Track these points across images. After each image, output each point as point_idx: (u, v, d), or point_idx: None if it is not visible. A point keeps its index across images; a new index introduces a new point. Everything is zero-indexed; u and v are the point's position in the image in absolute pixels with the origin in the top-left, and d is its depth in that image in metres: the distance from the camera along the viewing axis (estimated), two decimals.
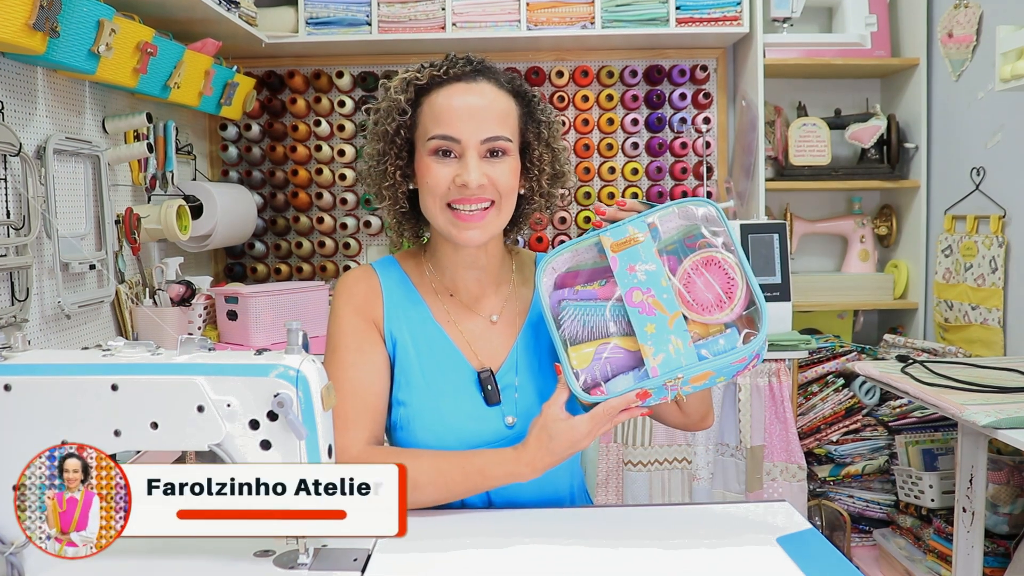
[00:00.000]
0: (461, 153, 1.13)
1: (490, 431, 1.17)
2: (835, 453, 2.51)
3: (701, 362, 1.00)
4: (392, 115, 1.17)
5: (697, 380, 1.02)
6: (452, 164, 1.14)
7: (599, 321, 1.05)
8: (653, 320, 1.02)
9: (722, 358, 1.00)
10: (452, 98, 1.15)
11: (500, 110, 1.16)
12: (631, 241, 1.05)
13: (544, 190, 1.24)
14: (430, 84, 1.17)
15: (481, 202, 1.14)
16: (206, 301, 2.38)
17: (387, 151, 1.19)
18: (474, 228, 1.15)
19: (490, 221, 1.16)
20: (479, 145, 1.13)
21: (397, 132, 1.17)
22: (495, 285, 1.26)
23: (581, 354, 1.05)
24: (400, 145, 1.18)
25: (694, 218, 1.06)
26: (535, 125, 1.21)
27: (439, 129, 1.14)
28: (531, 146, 1.21)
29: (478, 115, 1.14)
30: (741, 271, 1.02)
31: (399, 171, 1.19)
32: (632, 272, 1.04)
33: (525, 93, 1.21)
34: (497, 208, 1.16)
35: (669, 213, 1.06)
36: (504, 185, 1.15)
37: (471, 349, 1.21)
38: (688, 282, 1.03)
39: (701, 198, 1.10)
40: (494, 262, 1.25)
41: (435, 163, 1.14)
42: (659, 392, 1.03)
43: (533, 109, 1.21)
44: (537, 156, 1.21)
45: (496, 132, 1.14)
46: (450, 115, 1.13)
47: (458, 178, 1.12)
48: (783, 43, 2.70)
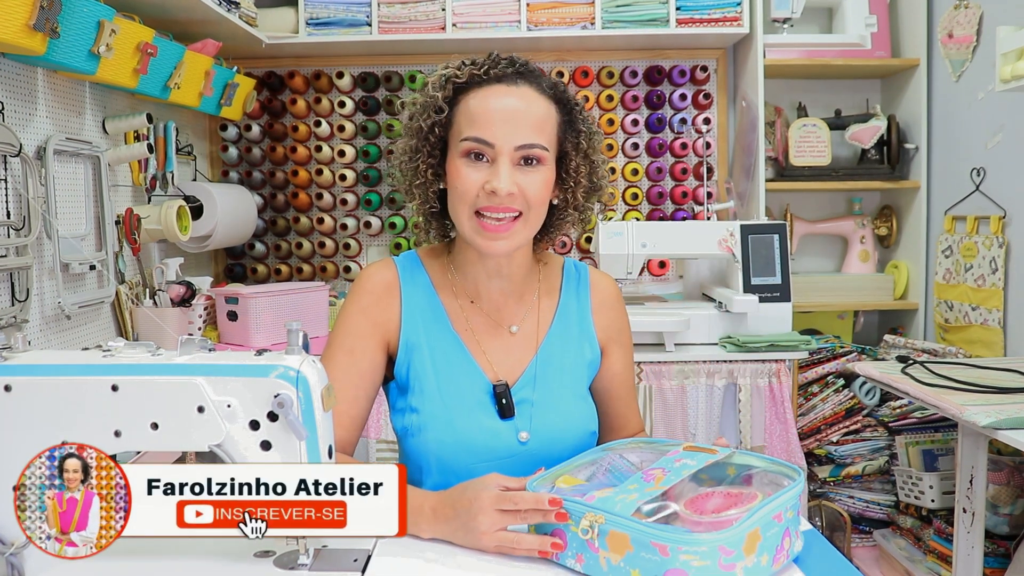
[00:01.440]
0: (494, 158, 1.09)
1: (503, 446, 1.15)
2: (835, 454, 2.51)
3: (629, 522, 0.85)
4: (428, 112, 1.13)
5: (615, 543, 0.86)
6: (483, 169, 1.10)
7: (610, 478, 1.00)
8: (639, 481, 0.93)
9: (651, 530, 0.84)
10: (489, 99, 1.10)
11: (538, 116, 1.11)
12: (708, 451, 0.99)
13: (579, 203, 1.20)
14: (469, 83, 1.12)
15: (509, 211, 1.10)
16: (206, 302, 2.38)
17: (420, 148, 1.15)
18: (500, 239, 1.10)
19: (516, 232, 1.11)
20: (513, 152, 1.09)
21: (432, 129, 1.13)
22: (518, 296, 1.22)
23: (570, 479, 1.00)
24: (433, 143, 1.14)
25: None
26: (575, 135, 1.16)
27: (473, 131, 1.09)
28: (568, 156, 1.16)
29: (514, 120, 1.09)
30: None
31: (431, 169, 1.15)
32: (676, 457, 0.98)
33: (568, 100, 1.16)
34: (525, 219, 1.11)
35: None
36: (534, 196, 1.10)
37: (488, 361, 1.18)
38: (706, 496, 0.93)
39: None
40: (519, 272, 1.21)
41: (466, 166, 1.10)
42: (572, 538, 0.90)
43: (574, 118, 1.17)
44: (574, 167, 1.17)
45: (532, 139, 1.10)
46: (486, 117, 1.09)
47: (488, 184, 1.08)
48: (783, 44, 2.70)
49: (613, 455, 1.06)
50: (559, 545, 0.92)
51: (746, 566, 0.84)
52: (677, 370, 2.27)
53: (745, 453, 1.02)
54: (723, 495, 0.92)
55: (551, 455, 1.14)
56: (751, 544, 0.84)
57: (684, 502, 0.91)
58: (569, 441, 1.18)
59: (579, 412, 1.21)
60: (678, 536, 0.83)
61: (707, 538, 0.82)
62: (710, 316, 2.33)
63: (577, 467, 1.04)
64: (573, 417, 1.19)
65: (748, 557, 0.84)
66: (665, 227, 2.44)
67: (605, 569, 0.87)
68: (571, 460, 1.05)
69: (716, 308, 2.37)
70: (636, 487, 0.91)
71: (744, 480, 0.98)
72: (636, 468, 1.01)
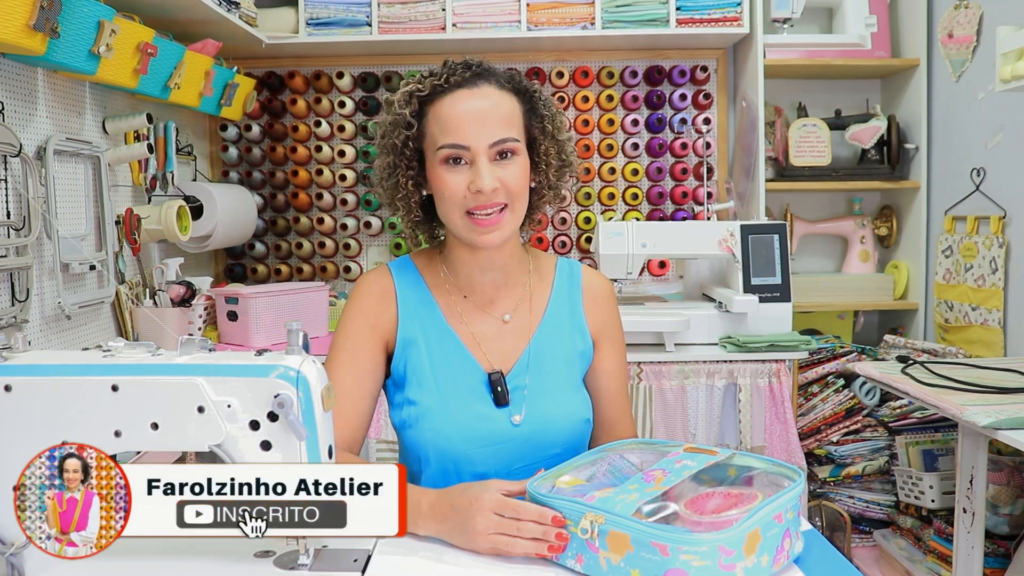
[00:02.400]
0: (471, 160, 1.14)
1: (498, 431, 1.19)
2: (835, 454, 2.51)
3: (630, 522, 0.85)
4: (398, 128, 1.18)
5: (615, 543, 0.86)
6: (464, 171, 1.15)
7: (612, 479, 1.00)
8: (640, 482, 0.93)
9: (651, 530, 0.84)
10: (456, 106, 1.15)
11: (504, 112, 1.17)
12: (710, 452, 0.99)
13: (552, 182, 1.25)
14: (432, 94, 1.17)
15: (496, 206, 1.15)
16: (206, 302, 2.38)
17: (397, 163, 1.20)
18: (492, 231, 1.16)
19: (506, 222, 1.17)
20: (488, 150, 1.14)
21: (406, 144, 1.19)
22: (510, 286, 1.27)
23: (571, 479, 1.00)
24: (410, 156, 1.20)
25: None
26: (539, 120, 1.22)
27: (447, 138, 1.14)
28: (537, 140, 1.22)
29: (483, 119, 1.14)
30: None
31: (411, 180, 1.21)
32: (677, 459, 0.98)
33: (526, 90, 1.21)
34: (511, 209, 1.17)
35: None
36: (515, 186, 1.16)
37: (482, 350, 1.22)
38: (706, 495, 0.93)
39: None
40: (511, 262, 1.26)
41: (448, 172, 1.15)
42: (572, 538, 0.90)
43: (535, 104, 1.22)
44: (544, 150, 1.22)
45: (503, 134, 1.15)
46: (456, 123, 1.14)
47: (472, 185, 1.13)
48: (783, 44, 2.70)
49: (614, 455, 1.06)
50: (557, 548, 0.92)
51: (746, 566, 0.84)
52: (677, 370, 2.27)
53: (745, 455, 1.02)
54: (723, 495, 0.92)
55: (544, 440, 1.19)
56: (751, 544, 0.84)
57: (684, 502, 0.91)
58: (562, 426, 1.21)
59: (572, 399, 1.24)
60: (678, 536, 0.83)
61: (707, 538, 0.82)
62: (710, 316, 2.33)
63: (578, 467, 1.04)
64: (566, 403, 1.23)
65: (748, 557, 0.84)
66: (665, 227, 2.44)
67: (605, 569, 0.87)
68: (572, 460, 1.06)
69: (716, 308, 2.36)
70: (636, 487, 0.91)
71: (745, 482, 0.98)
72: (637, 469, 1.01)
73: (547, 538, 0.92)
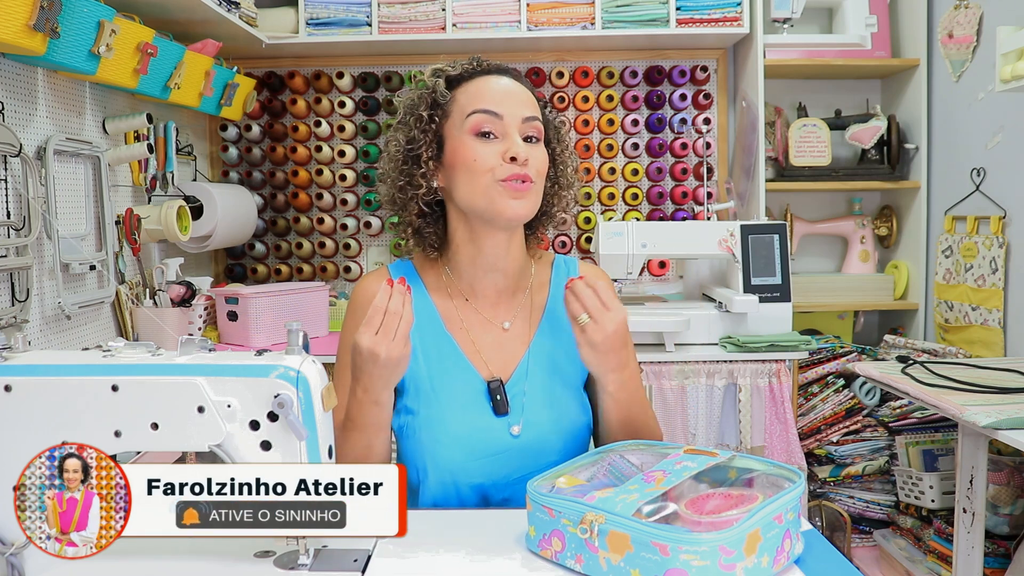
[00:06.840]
0: (503, 132, 1.14)
1: (496, 442, 1.16)
2: (835, 454, 2.51)
3: (630, 522, 0.84)
4: (425, 102, 1.18)
5: (615, 543, 0.86)
6: (495, 144, 1.14)
7: (614, 478, 1.00)
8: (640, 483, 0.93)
9: (651, 530, 0.83)
10: (488, 82, 1.17)
11: (531, 97, 1.19)
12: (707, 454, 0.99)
13: (557, 192, 1.26)
14: (460, 77, 1.18)
15: (528, 178, 1.14)
16: (206, 302, 2.38)
17: (419, 137, 1.17)
18: (523, 198, 1.13)
19: (533, 194, 1.15)
20: (520, 124, 1.15)
21: (431, 119, 1.17)
22: (512, 292, 1.25)
23: (571, 479, 1.00)
24: (431, 136, 1.17)
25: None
26: (554, 129, 1.25)
27: (481, 104, 1.14)
28: (551, 143, 1.24)
29: (515, 95, 1.16)
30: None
31: (431, 160, 1.17)
32: (677, 461, 0.98)
33: (545, 104, 1.25)
34: (536, 187, 1.16)
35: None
36: (540, 167, 1.16)
37: (481, 358, 1.20)
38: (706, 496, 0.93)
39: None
40: (514, 265, 1.24)
41: (478, 144, 1.14)
42: (571, 538, 0.89)
43: (549, 118, 1.25)
44: (557, 152, 1.24)
45: (534, 112, 1.17)
46: (491, 93, 1.16)
47: (507, 153, 1.12)
48: (783, 44, 2.70)
49: (614, 455, 1.06)
50: (404, 288, 1.06)
51: (746, 566, 0.84)
52: (677, 370, 2.27)
53: (745, 457, 1.02)
54: (723, 496, 0.92)
55: (543, 448, 1.17)
56: (751, 545, 0.84)
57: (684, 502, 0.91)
58: (561, 434, 1.19)
59: (570, 405, 1.21)
60: (679, 536, 0.83)
61: (707, 538, 0.82)
62: (710, 316, 2.33)
63: (578, 467, 1.04)
64: (564, 410, 1.20)
65: (748, 558, 0.84)
66: (665, 227, 2.44)
67: (605, 569, 0.87)
68: (572, 460, 1.06)
69: (716, 308, 2.37)
70: (636, 488, 0.91)
71: (745, 483, 0.98)
72: (637, 469, 1.01)
73: (405, 301, 1.06)
